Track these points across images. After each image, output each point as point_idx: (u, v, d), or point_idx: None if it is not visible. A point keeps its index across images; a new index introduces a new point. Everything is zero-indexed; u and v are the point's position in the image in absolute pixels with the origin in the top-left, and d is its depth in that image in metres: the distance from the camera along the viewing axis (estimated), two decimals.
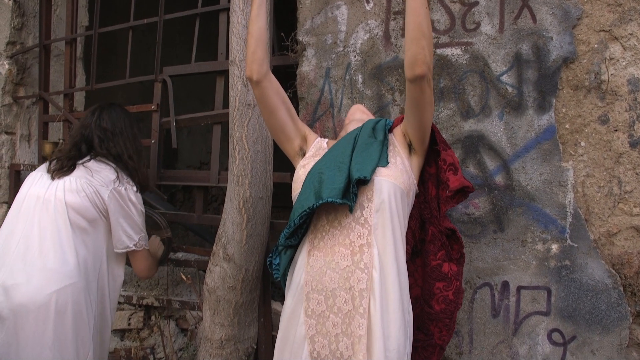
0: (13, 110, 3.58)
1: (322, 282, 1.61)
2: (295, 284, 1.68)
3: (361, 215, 1.62)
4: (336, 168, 1.65)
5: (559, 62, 2.06)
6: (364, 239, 1.60)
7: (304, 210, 1.61)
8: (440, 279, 1.80)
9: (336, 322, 1.58)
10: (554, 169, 2.07)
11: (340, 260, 1.60)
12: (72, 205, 2.00)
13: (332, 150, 1.75)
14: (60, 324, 1.91)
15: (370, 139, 1.73)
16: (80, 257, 1.98)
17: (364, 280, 1.57)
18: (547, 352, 2.06)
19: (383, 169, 1.66)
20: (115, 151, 2.15)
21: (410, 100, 1.65)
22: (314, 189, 1.63)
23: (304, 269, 1.66)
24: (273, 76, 1.80)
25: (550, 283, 2.07)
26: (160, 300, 2.96)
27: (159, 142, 2.98)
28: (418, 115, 1.67)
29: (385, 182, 1.63)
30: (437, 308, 1.80)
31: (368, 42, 2.37)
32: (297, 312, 1.64)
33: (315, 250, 1.65)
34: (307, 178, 1.69)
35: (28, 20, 3.60)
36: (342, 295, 1.58)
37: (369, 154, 1.67)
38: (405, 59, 1.58)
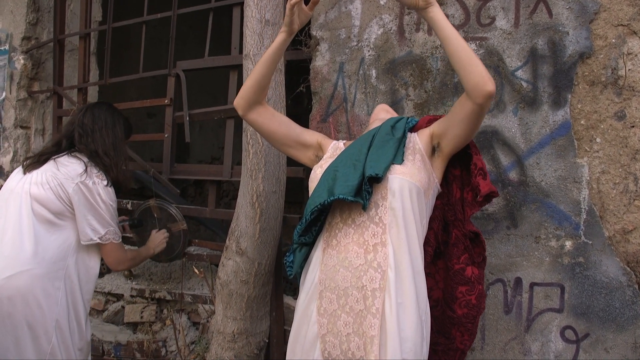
0: (28, 104, 3.62)
1: (335, 281, 1.59)
2: (309, 281, 1.66)
3: (375, 214, 1.60)
4: (351, 166, 1.63)
5: (575, 58, 2.04)
6: (378, 237, 1.58)
7: (315, 206, 1.60)
8: (463, 283, 1.76)
9: (347, 321, 1.55)
10: (568, 165, 2.05)
11: (354, 258, 1.58)
12: (36, 197, 2.10)
13: (349, 148, 1.73)
14: (11, 308, 2.00)
15: (387, 136, 1.70)
16: (40, 246, 2.06)
17: (376, 280, 1.54)
18: (559, 349, 2.05)
19: (398, 167, 1.62)
20: (93, 147, 2.21)
21: (466, 118, 1.58)
22: (327, 186, 1.61)
23: (318, 267, 1.64)
24: (263, 107, 1.81)
25: (563, 280, 2.05)
26: (172, 294, 2.98)
27: (172, 137, 3.00)
28: (468, 131, 1.63)
29: (400, 180, 1.60)
30: (460, 312, 1.76)
31: (382, 37, 2.36)
32: (309, 310, 1.63)
33: (330, 248, 1.64)
34: (323, 176, 1.67)
35: (43, 15, 3.63)
36: (354, 295, 1.56)
37: (385, 151, 1.65)
38: (467, 86, 1.51)
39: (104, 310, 3.29)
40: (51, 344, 2.05)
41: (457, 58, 1.51)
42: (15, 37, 3.60)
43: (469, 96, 1.52)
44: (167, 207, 2.84)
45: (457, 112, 1.61)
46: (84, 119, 2.26)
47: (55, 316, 2.07)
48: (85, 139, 2.22)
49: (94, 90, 3.72)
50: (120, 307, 3.22)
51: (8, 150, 3.57)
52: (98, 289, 3.27)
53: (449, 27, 1.53)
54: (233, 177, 2.77)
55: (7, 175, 3.52)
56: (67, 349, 2.11)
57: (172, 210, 2.83)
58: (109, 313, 3.26)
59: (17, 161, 3.52)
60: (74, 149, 2.24)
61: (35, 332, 2.03)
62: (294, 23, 1.68)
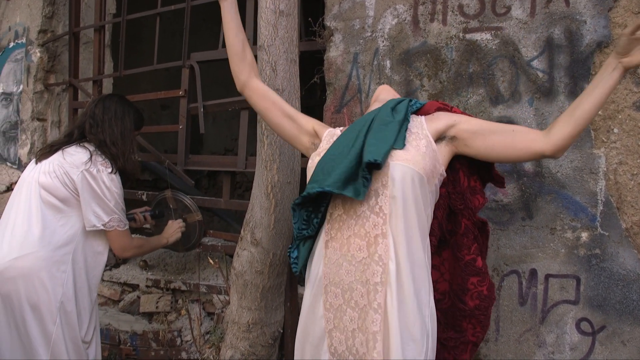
0: (44, 97, 3.66)
1: (339, 275, 1.54)
2: (313, 276, 1.61)
3: (376, 204, 1.52)
4: (346, 151, 1.55)
5: (593, 47, 2.02)
6: (378, 228, 1.51)
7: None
8: (475, 274, 1.71)
9: (353, 316, 1.51)
10: (585, 156, 2.03)
11: (356, 252, 1.53)
12: (43, 185, 2.19)
13: (346, 133, 1.64)
14: (14, 288, 2.10)
15: (387, 118, 1.61)
16: (47, 231, 2.15)
17: (378, 274, 1.49)
18: (575, 341, 2.04)
19: (400, 152, 1.52)
20: (102, 137, 2.29)
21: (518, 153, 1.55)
22: (319, 175, 1.55)
23: (321, 260, 1.59)
24: (255, 83, 1.82)
25: (579, 272, 2.04)
26: (187, 284, 3.01)
27: (186, 128, 3.01)
28: (507, 159, 1.61)
29: (401, 167, 1.51)
30: (471, 304, 1.72)
31: (396, 27, 2.35)
32: (316, 305, 1.59)
33: (332, 241, 1.58)
34: (318, 164, 1.60)
35: (58, 8, 3.66)
36: (358, 289, 1.51)
37: (384, 135, 1.55)
38: (558, 138, 1.48)
39: (120, 300, 3.33)
40: (56, 324, 2.11)
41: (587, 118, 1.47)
42: (32, 31, 3.64)
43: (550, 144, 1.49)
44: (182, 198, 2.87)
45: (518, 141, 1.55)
46: (95, 109, 2.34)
47: (60, 298, 2.13)
48: (95, 129, 2.30)
49: (108, 82, 3.75)
50: (135, 297, 3.26)
51: (25, 142, 3.62)
52: (114, 279, 3.31)
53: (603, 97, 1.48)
54: (247, 168, 2.78)
55: (25, 166, 3.56)
56: (73, 331, 2.17)
57: (188, 201, 2.86)
58: (124, 303, 3.30)
59: (34, 153, 3.57)
60: (84, 139, 2.31)
61: (40, 312, 2.10)
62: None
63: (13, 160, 3.70)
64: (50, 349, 2.10)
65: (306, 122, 1.80)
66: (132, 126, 2.39)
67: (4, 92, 3.81)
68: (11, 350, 2.11)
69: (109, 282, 3.33)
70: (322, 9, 2.52)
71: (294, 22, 2.14)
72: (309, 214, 1.62)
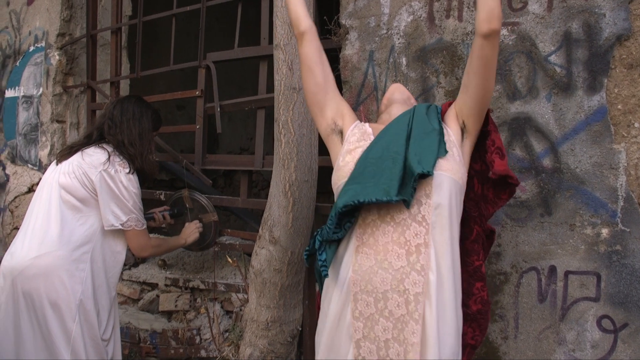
0: (63, 99, 3.71)
1: (373, 283, 1.49)
2: (341, 282, 1.56)
3: (418, 212, 1.50)
4: (390, 159, 1.54)
5: (612, 40, 2.00)
6: (421, 238, 1.49)
7: (349, 203, 1.49)
8: (480, 279, 1.73)
9: (387, 326, 1.48)
10: (604, 152, 2.01)
11: (394, 260, 1.49)
12: (63, 185, 2.23)
13: (383, 136, 1.63)
14: (34, 286, 2.14)
15: (426, 126, 1.61)
16: (66, 230, 2.18)
17: (420, 284, 1.46)
18: (596, 338, 2.02)
19: (443, 162, 1.55)
20: (120, 137, 2.32)
21: (479, 61, 1.56)
22: (365, 181, 1.52)
23: (350, 266, 1.54)
24: (315, 36, 1.77)
25: (599, 268, 2.02)
26: (205, 283, 3.04)
27: (203, 128, 3.03)
28: (485, 79, 1.59)
29: (445, 178, 1.53)
30: (475, 308, 1.73)
31: (412, 24, 2.34)
32: (344, 313, 1.54)
33: (365, 247, 1.53)
34: (357, 167, 1.58)
35: (76, 12, 3.71)
36: (394, 299, 1.47)
37: (428, 144, 1.56)
38: (479, 15, 1.53)
39: (140, 299, 3.36)
40: (75, 321, 2.14)
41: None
42: (51, 34, 3.69)
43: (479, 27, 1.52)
44: (199, 198, 2.89)
45: (473, 64, 1.58)
46: (113, 111, 2.37)
47: (79, 296, 2.16)
48: (114, 130, 2.33)
49: (125, 83, 3.79)
50: (155, 296, 3.29)
51: (46, 144, 3.67)
52: (133, 278, 3.35)
53: None
54: (265, 167, 2.80)
55: (45, 168, 3.62)
56: (92, 329, 2.20)
57: (204, 201, 2.88)
58: (144, 302, 3.33)
59: (53, 154, 3.62)
60: (103, 140, 2.34)
61: (60, 310, 2.14)
62: None
63: (34, 162, 3.76)
64: (70, 347, 2.14)
65: (341, 99, 1.80)
66: (150, 127, 2.41)
67: (24, 95, 3.87)
68: (34, 347, 2.15)
69: (128, 281, 3.37)
70: (337, 7, 2.52)
71: None
72: (343, 216, 1.56)
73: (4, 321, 2.18)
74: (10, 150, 3.98)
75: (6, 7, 4.05)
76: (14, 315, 2.16)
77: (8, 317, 2.17)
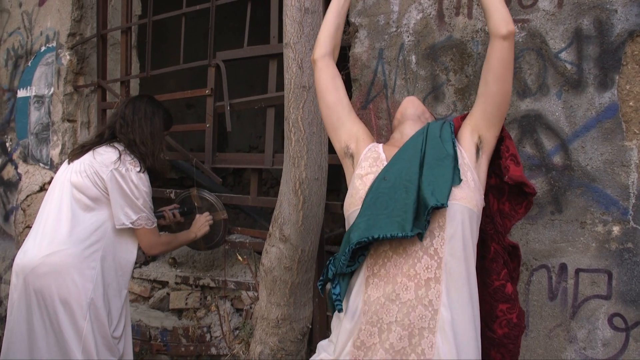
0: (74, 99, 3.74)
1: (379, 314, 1.46)
2: (351, 313, 1.52)
3: (430, 245, 1.46)
4: (403, 188, 1.49)
5: (624, 36, 1.98)
6: (431, 272, 1.45)
7: (362, 240, 1.45)
8: (505, 301, 1.66)
9: (385, 358, 1.44)
10: (616, 149, 2.00)
11: (402, 292, 1.45)
12: (75, 184, 2.26)
13: (395, 163, 1.58)
14: (46, 284, 2.16)
15: (440, 151, 1.56)
16: (77, 228, 2.21)
17: (426, 319, 1.42)
18: (607, 337, 2.01)
19: (457, 191, 1.49)
20: (132, 136, 2.34)
21: (500, 64, 1.56)
22: (377, 212, 1.48)
23: (361, 297, 1.51)
24: (332, 61, 1.79)
25: (611, 266, 2.01)
26: (216, 280, 3.05)
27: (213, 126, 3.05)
28: (506, 83, 1.58)
29: (459, 207, 1.48)
30: (500, 332, 1.67)
31: (421, 22, 2.34)
32: (349, 341, 1.51)
33: (375, 278, 1.49)
34: (369, 196, 1.53)
35: (86, 12, 3.74)
36: (397, 331, 1.44)
37: (442, 172, 1.51)
38: (494, 17, 1.55)
39: (150, 297, 3.39)
40: (86, 319, 2.16)
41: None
42: (62, 34, 3.72)
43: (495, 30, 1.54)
44: (207, 197, 2.90)
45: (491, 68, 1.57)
46: (125, 110, 2.40)
47: (90, 294, 2.19)
48: (125, 129, 2.35)
49: (135, 82, 3.81)
50: (165, 294, 3.32)
51: (57, 143, 3.71)
52: (144, 276, 3.37)
53: None
54: (274, 165, 2.81)
55: (56, 167, 3.65)
56: (102, 327, 2.21)
57: (213, 200, 2.89)
58: (154, 300, 3.36)
59: (65, 154, 3.65)
60: (115, 139, 2.36)
61: (71, 308, 2.16)
62: None
63: (45, 161, 3.79)
64: (82, 344, 2.16)
65: (354, 122, 1.76)
66: (162, 126, 2.43)
67: (36, 94, 3.91)
68: (47, 344, 2.17)
69: (138, 279, 3.40)
70: None
71: (319, 19, 2.15)
72: (357, 250, 1.51)
73: (17, 318, 2.21)
74: (22, 149, 4.01)
75: (18, 9, 4.09)
76: (27, 313, 2.19)
77: (21, 314, 2.20)
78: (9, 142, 4.17)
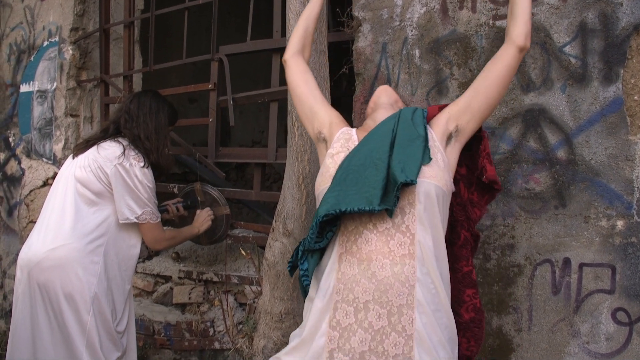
0: (77, 93, 3.74)
1: (354, 292, 1.46)
2: (323, 290, 1.52)
3: (402, 222, 1.48)
4: (373, 166, 1.51)
5: (629, 30, 1.97)
6: (405, 248, 1.47)
7: (330, 212, 1.46)
8: (471, 286, 1.71)
9: (364, 338, 1.43)
10: (620, 143, 2.00)
11: (378, 270, 1.46)
12: (79, 178, 2.26)
13: (366, 143, 1.59)
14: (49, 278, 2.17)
15: (412, 132, 1.58)
16: (80, 223, 2.22)
17: (404, 295, 1.44)
18: (611, 331, 2.01)
19: (426, 169, 1.52)
20: (137, 132, 2.34)
21: (507, 70, 1.61)
22: (346, 188, 1.49)
23: (334, 274, 1.51)
24: (302, 59, 1.89)
25: (615, 260, 2.01)
26: (219, 275, 3.06)
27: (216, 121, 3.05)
28: (505, 87, 1.63)
29: (429, 185, 1.50)
30: (467, 317, 1.70)
31: (425, 16, 2.33)
32: (321, 320, 1.50)
33: (348, 254, 1.50)
34: (339, 173, 1.55)
35: (89, 6, 3.74)
36: (375, 310, 1.44)
37: (412, 151, 1.53)
38: (519, 28, 1.60)
39: (154, 292, 3.40)
40: (90, 313, 2.17)
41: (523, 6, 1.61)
42: (64, 29, 3.71)
43: (519, 42, 1.59)
44: (210, 191, 2.91)
45: (498, 72, 1.61)
46: (130, 105, 2.40)
47: (94, 288, 2.19)
48: (130, 124, 2.36)
49: (137, 77, 3.81)
50: (168, 289, 3.33)
51: (60, 138, 3.71)
52: (147, 271, 3.38)
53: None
54: (278, 160, 2.80)
55: (59, 162, 3.66)
56: (106, 321, 2.22)
57: (216, 194, 2.89)
58: (158, 294, 3.37)
59: (68, 148, 3.65)
60: (119, 134, 2.37)
61: (75, 302, 2.17)
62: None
63: (48, 156, 3.80)
64: (85, 338, 2.17)
65: (325, 110, 1.79)
66: (166, 121, 2.43)
67: (39, 89, 3.91)
68: (51, 338, 2.18)
69: (142, 273, 3.40)
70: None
71: (322, 13, 2.14)
72: (325, 225, 1.52)
73: (22, 312, 2.22)
74: (26, 144, 4.02)
75: (21, 3, 4.08)
76: (31, 307, 2.20)
77: (25, 308, 2.21)
78: (12, 137, 4.17)
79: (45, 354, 2.18)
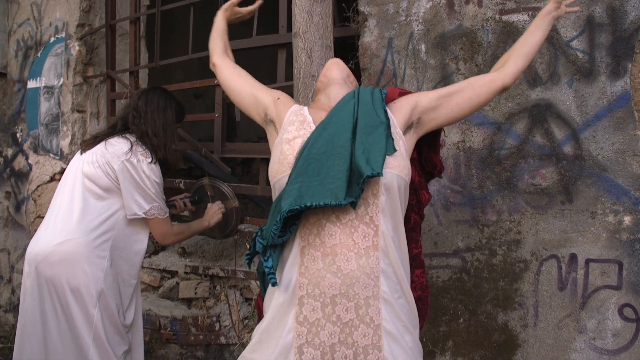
0: (83, 89, 3.75)
1: (320, 287, 1.43)
2: (285, 284, 1.47)
3: (366, 214, 1.45)
4: (336, 155, 1.46)
5: (638, 24, 1.96)
6: (369, 240, 1.45)
7: (295, 207, 1.40)
8: (419, 266, 1.75)
9: (333, 331, 1.42)
10: (627, 138, 1.98)
11: (343, 263, 1.43)
12: (87, 174, 2.28)
13: (326, 127, 1.53)
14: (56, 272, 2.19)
15: (373, 118, 1.53)
16: (87, 218, 2.23)
17: (370, 287, 1.43)
18: (617, 327, 2.00)
19: (390, 159, 1.48)
20: (144, 128, 2.35)
21: (487, 96, 1.66)
22: (309, 180, 1.44)
23: (296, 269, 1.46)
24: (227, 58, 2.00)
25: (621, 256, 2.00)
26: (225, 270, 3.07)
27: (222, 116, 3.05)
28: (471, 110, 1.67)
29: (393, 176, 1.47)
30: (415, 295, 1.67)
31: (431, 11, 2.32)
32: (285, 317, 1.46)
33: (311, 248, 1.46)
34: (299, 162, 1.48)
35: (95, 2, 3.75)
36: (343, 303, 1.43)
37: (376, 140, 1.49)
38: (516, 70, 1.67)
39: (160, 287, 3.42)
40: (96, 308, 2.19)
41: (526, 51, 1.68)
42: (71, 25, 3.73)
43: (509, 78, 1.66)
44: (219, 186, 2.92)
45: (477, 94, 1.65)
46: (138, 101, 2.41)
47: (101, 283, 2.21)
48: (138, 120, 2.36)
49: (143, 73, 3.82)
50: (175, 284, 3.34)
51: (67, 133, 3.73)
52: (153, 266, 3.40)
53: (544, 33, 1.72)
54: None
55: (66, 157, 3.68)
56: (112, 316, 2.24)
57: (225, 189, 2.90)
58: (164, 289, 3.38)
59: (74, 144, 3.67)
60: (127, 130, 2.38)
61: (81, 296, 2.18)
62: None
63: (55, 152, 3.82)
64: (92, 332, 2.19)
65: (266, 93, 1.75)
66: (174, 118, 2.44)
67: (46, 85, 3.93)
68: (59, 332, 2.20)
69: (148, 268, 3.42)
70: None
71: (328, 8, 2.13)
72: (287, 220, 1.46)
73: (30, 306, 2.24)
74: (33, 140, 4.04)
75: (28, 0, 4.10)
76: (39, 301, 2.22)
77: (34, 302, 2.23)
78: (19, 133, 4.19)
79: (53, 347, 2.20)
